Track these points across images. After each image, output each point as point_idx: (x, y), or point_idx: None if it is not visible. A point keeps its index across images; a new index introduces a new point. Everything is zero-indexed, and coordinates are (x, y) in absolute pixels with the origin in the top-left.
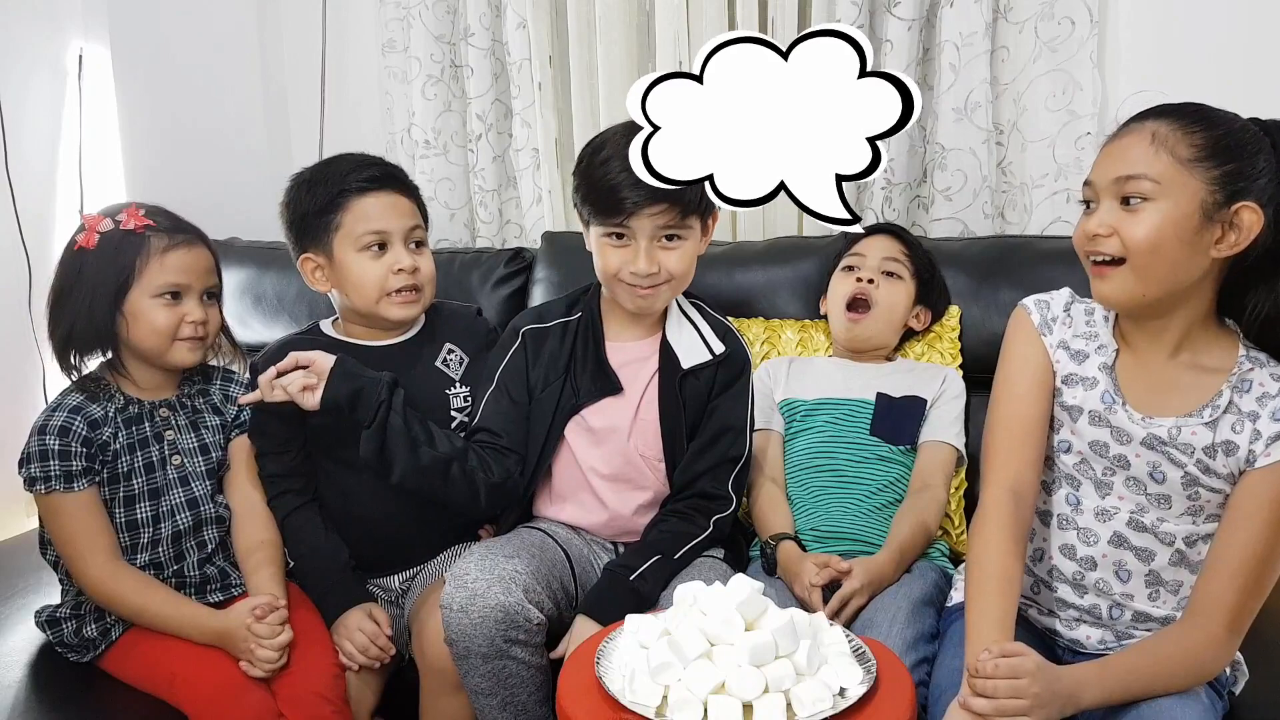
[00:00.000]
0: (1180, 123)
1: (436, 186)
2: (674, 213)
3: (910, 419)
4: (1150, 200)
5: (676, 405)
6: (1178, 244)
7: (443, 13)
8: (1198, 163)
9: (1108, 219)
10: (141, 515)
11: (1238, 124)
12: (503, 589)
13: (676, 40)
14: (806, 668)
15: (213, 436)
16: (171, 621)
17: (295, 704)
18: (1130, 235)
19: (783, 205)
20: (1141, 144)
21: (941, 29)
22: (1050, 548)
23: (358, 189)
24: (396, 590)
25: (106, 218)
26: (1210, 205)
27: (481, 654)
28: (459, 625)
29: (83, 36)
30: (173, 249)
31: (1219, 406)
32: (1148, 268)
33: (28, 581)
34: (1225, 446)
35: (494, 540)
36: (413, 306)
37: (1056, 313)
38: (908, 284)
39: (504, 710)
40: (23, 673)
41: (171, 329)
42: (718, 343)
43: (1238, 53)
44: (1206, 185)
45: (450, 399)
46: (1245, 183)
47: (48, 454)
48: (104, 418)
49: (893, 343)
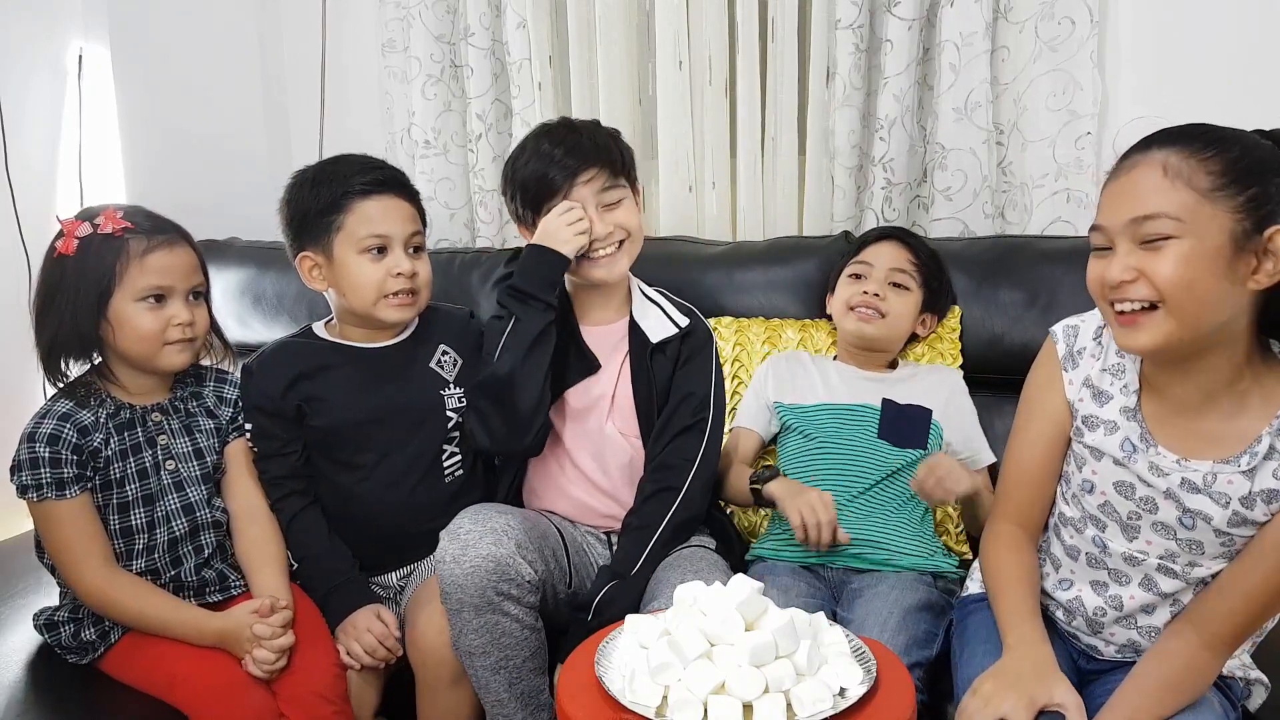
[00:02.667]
0: (1191, 149)
1: (436, 186)
2: (605, 174)
3: (917, 426)
4: (1175, 238)
5: (648, 381)
6: (1212, 280)
7: (443, 12)
8: (1219, 191)
9: (1130, 262)
10: (136, 521)
11: (1249, 141)
12: (494, 540)
13: (676, 40)
14: (806, 668)
15: (207, 440)
16: (170, 626)
17: (296, 704)
18: (1160, 275)
19: (783, 205)
20: (1153, 178)
21: (942, 29)
22: (1079, 580)
23: (361, 191)
24: (394, 587)
25: (84, 222)
26: (1240, 235)
27: (474, 605)
28: (451, 576)
29: (82, 36)
30: (152, 250)
31: (1257, 453)
32: (1184, 308)
33: (27, 582)
34: (1266, 495)
35: (488, 503)
36: (408, 309)
37: (1085, 342)
38: (915, 294)
39: (498, 674)
40: (22, 673)
41: (158, 333)
42: (681, 317)
43: (1238, 53)
44: (1233, 214)
45: (445, 399)
46: (1273, 205)
47: (38, 462)
48: (94, 423)
49: (897, 349)
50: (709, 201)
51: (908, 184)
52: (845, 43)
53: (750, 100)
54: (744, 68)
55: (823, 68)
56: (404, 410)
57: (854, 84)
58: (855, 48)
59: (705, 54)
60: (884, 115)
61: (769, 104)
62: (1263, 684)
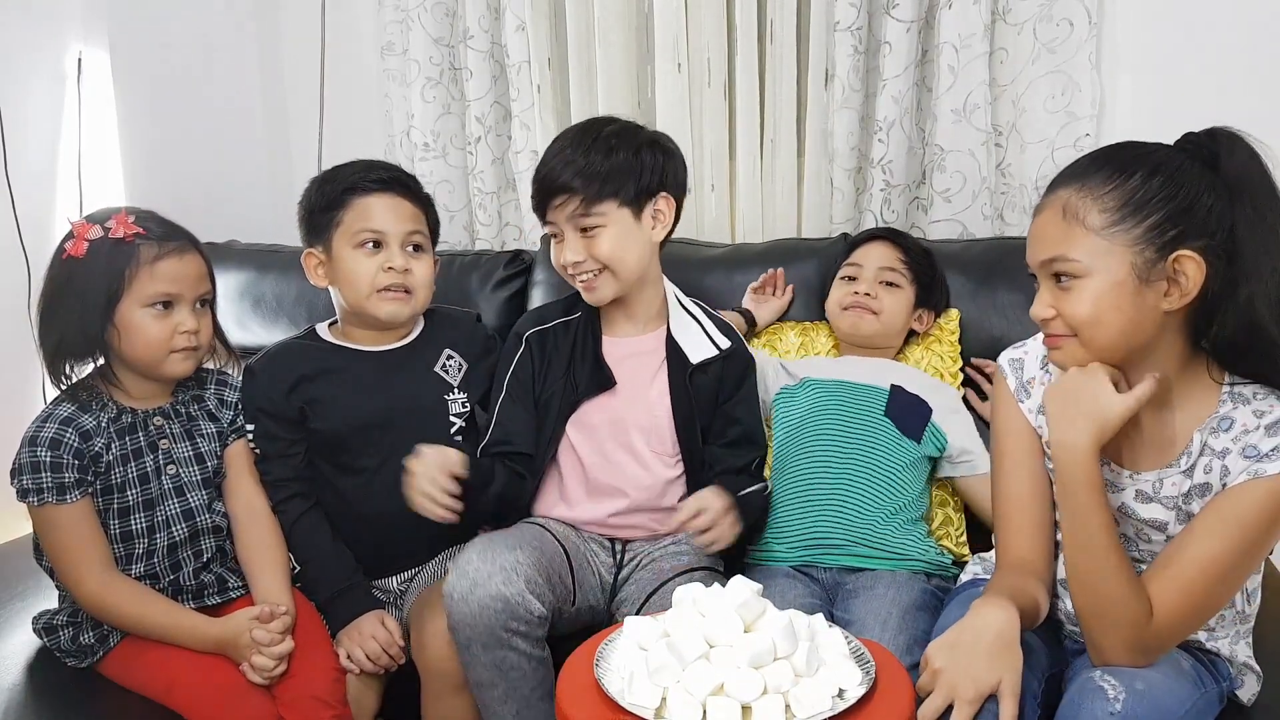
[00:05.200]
0: (1089, 185)
1: (436, 189)
2: (575, 202)
3: (919, 417)
4: (1079, 278)
5: (688, 400)
6: (1118, 312)
7: (442, 15)
8: (1114, 227)
9: (1048, 300)
10: (136, 526)
11: (1156, 161)
12: (504, 579)
13: (675, 42)
14: (805, 669)
15: (208, 444)
16: (169, 632)
17: (295, 708)
18: (1070, 314)
19: (782, 207)
20: (1054, 221)
21: (940, 31)
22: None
23: (362, 188)
24: (395, 591)
25: (95, 225)
26: (1142, 265)
27: (482, 643)
28: (460, 613)
29: (82, 40)
30: (163, 257)
31: (1192, 453)
32: (1096, 339)
33: (26, 585)
34: (1200, 489)
35: (495, 533)
36: (401, 305)
37: (1033, 371)
38: (907, 291)
39: (506, 703)
40: (21, 676)
41: (165, 341)
42: (722, 339)
43: (1236, 54)
44: (1131, 247)
45: (449, 404)
46: (1178, 228)
47: (39, 466)
48: (96, 428)
49: (896, 344)
50: (708, 203)
51: (906, 186)
52: (844, 45)
53: (749, 102)
54: (743, 70)
55: (821, 70)
56: (406, 414)
57: (853, 86)
58: (854, 50)
59: (704, 56)
60: (883, 117)
61: (768, 106)
62: (1255, 674)
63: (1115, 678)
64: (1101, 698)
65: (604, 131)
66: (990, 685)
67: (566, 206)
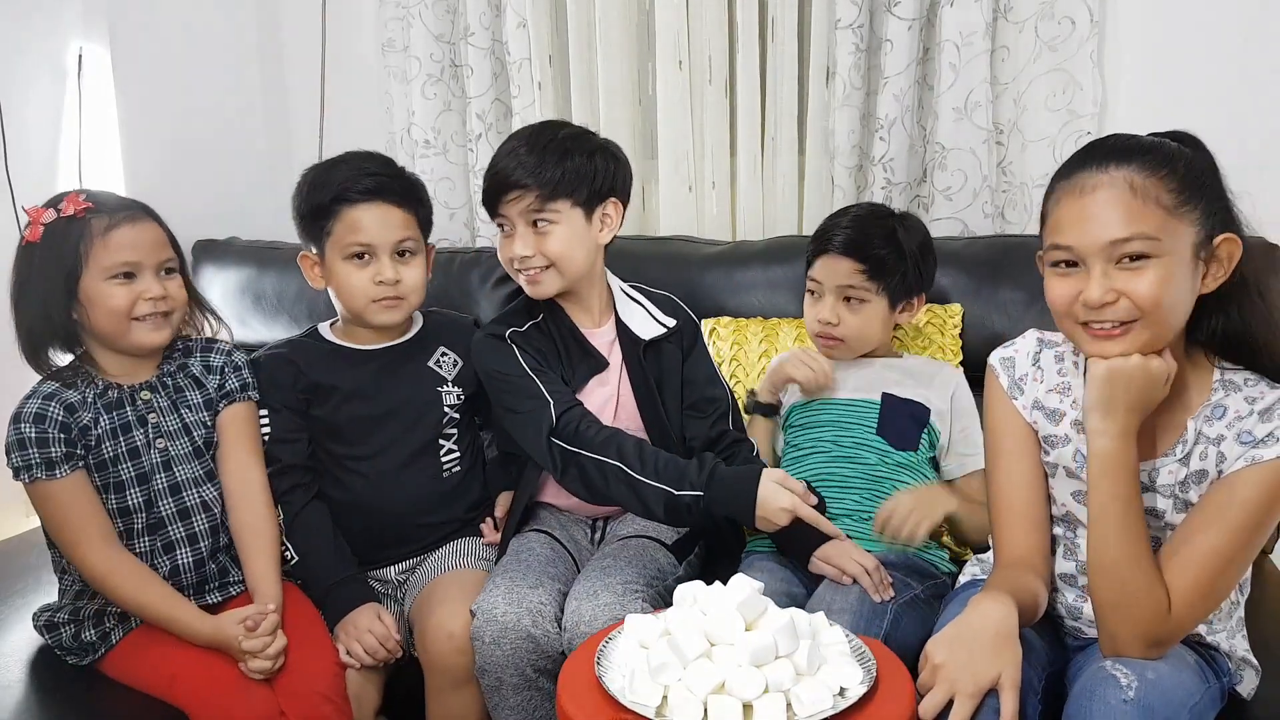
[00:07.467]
0: (1149, 166)
1: (436, 186)
2: (530, 197)
3: (914, 424)
4: (1153, 257)
5: (645, 377)
6: (1184, 293)
7: (442, 12)
8: (1182, 206)
9: (1107, 284)
10: (132, 500)
11: (1178, 151)
12: (531, 620)
13: (676, 40)
14: (806, 668)
15: (195, 414)
16: (164, 620)
17: (297, 702)
18: (1140, 295)
19: (783, 205)
20: (1123, 200)
21: (942, 28)
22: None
23: (349, 199)
24: (394, 582)
25: (49, 208)
26: (1198, 245)
27: (513, 685)
28: (492, 658)
29: (82, 36)
30: (115, 227)
31: (1188, 440)
32: (1162, 321)
33: (26, 582)
34: (1197, 476)
35: (513, 566)
36: (395, 312)
37: (1025, 368)
38: (874, 300)
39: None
40: (22, 672)
41: (127, 309)
42: (666, 317)
43: (1237, 52)
44: (1194, 226)
45: (443, 396)
46: (1219, 213)
47: (25, 442)
48: (82, 402)
49: (884, 340)
50: (709, 201)
51: (907, 184)
52: (845, 42)
53: (750, 100)
54: (744, 67)
55: (823, 67)
56: (401, 405)
57: (854, 84)
58: (855, 47)
59: (705, 54)
60: (884, 115)
61: (769, 104)
62: (1254, 668)
63: (1127, 667)
64: (1114, 685)
65: (559, 134)
66: (990, 679)
67: (521, 201)
